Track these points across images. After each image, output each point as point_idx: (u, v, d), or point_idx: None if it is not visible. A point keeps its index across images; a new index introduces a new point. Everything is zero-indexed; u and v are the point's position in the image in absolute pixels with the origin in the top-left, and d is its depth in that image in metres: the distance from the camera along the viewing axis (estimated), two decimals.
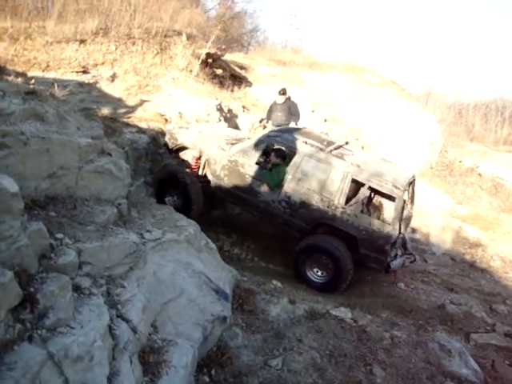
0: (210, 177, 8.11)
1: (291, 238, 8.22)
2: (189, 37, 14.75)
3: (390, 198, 7.77)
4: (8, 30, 11.47)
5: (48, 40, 11.75)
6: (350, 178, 7.38)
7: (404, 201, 7.68)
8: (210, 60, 14.62)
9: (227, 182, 7.91)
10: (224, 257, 7.18)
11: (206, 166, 8.14)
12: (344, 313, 6.55)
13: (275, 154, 8.00)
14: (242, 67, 18.65)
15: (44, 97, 5.58)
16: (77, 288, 3.94)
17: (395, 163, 8.84)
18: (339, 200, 7.35)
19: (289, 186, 7.60)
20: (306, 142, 7.74)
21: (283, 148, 7.90)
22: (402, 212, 7.73)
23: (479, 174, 18.68)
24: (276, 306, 6.29)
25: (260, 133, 8.40)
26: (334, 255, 7.39)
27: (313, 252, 7.56)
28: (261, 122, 13.17)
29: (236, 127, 12.15)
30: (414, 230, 13.17)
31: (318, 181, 7.47)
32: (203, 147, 8.09)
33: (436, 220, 13.71)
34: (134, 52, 12.91)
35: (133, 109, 10.14)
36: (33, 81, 5.98)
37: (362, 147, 16.82)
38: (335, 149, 7.90)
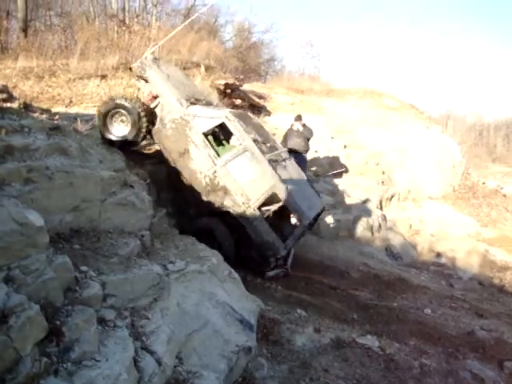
0: (157, 119, 8.17)
1: None
2: (207, 68, 15.00)
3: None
4: (34, 69, 11.80)
5: (71, 77, 12.05)
6: (272, 191, 7.68)
7: (304, 226, 8.09)
8: (228, 90, 14.80)
9: (169, 134, 8.03)
10: (247, 286, 7.13)
11: (158, 109, 8.19)
12: (371, 341, 6.43)
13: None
14: (260, 96, 18.82)
15: (67, 132, 5.72)
16: (101, 320, 3.95)
17: (314, 192, 9.41)
18: (256, 202, 7.66)
19: (220, 168, 7.78)
20: (255, 140, 7.94)
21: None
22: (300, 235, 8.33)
23: (504, 196, 18.36)
24: (301, 335, 6.21)
25: (220, 110, 8.38)
26: (218, 239, 7.68)
27: (203, 231, 7.76)
28: None
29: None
30: (439, 255, 12.94)
31: (249, 175, 7.73)
32: (163, 91, 8.15)
33: (461, 244, 13.43)
34: None
35: (153, 140, 10.25)
36: (57, 117, 6.13)
37: (383, 172, 16.72)
38: (274, 157, 8.18)
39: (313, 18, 55.89)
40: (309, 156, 12.44)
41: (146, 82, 8.44)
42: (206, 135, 8.01)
